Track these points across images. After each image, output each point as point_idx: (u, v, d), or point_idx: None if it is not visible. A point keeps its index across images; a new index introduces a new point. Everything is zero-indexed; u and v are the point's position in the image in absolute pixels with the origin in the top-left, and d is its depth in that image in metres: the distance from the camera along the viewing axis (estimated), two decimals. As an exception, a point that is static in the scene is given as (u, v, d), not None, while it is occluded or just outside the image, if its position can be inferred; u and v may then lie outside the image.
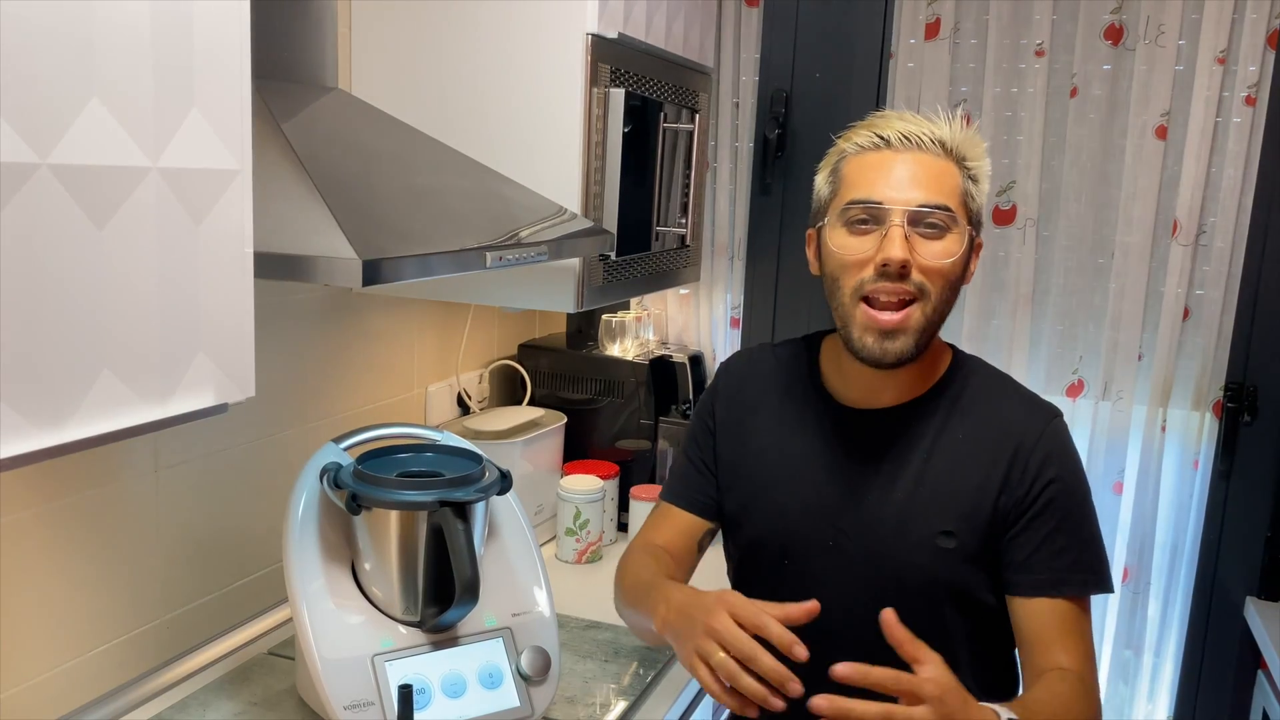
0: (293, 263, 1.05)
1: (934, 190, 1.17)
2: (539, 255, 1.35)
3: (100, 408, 0.81)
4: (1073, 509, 1.21)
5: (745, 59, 2.28)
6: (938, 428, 1.25)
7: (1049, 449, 1.21)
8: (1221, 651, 2.16)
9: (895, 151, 1.18)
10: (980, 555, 1.21)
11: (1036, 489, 1.20)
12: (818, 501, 1.28)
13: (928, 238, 1.17)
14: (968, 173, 1.20)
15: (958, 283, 1.21)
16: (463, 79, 1.63)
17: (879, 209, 1.17)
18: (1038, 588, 1.20)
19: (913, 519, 1.22)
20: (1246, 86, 1.97)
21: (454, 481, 1.28)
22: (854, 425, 1.28)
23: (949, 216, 1.17)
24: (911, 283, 1.16)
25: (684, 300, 2.42)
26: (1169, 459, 2.15)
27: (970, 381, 1.28)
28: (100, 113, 0.78)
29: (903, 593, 1.22)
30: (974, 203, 1.21)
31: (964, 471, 1.22)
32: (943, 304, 1.19)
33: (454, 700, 1.27)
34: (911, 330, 1.18)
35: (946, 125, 1.20)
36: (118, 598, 1.39)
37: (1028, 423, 1.23)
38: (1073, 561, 1.20)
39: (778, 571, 1.31)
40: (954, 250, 1.17)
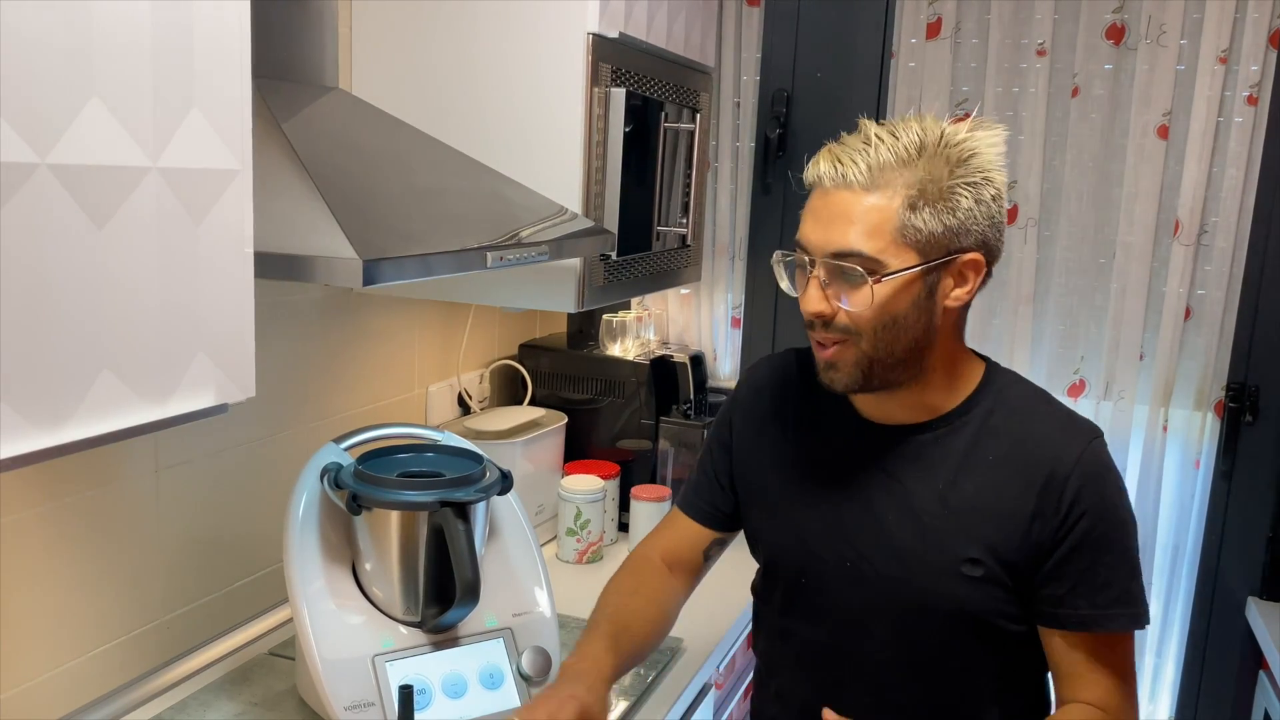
0: (293, 263, 1.05)
1: (846, 236, 1.08)
2: (540, 255, 1.34)
3: (100, 408, 0.81)
4: (1113, 540, 1.13)
5: (746, 58, 2.28)
6: (967, 447, 1.17)
7: (1086, 475, 1.13)
8: (1223, 652, 2.16)
9: (824, 192, 1.11)
10: (1008, 585, 1.15)
11: (1073, 519, 1.12)
12: (836, 520, 1.22)
13: (847, 286, 1.10)
14: (912, 200, 1.07)
15: (909, 315, 1.11)
16: (463, 79, 1.63)
17: (802, 257, 1.13)
18: (1080, 623, 1.13)
19: (936, 544, 1.16)
20: (1248, 86, 1.97)
21: (455, 482, 1.28)
22: (878, 441, 1.21)
23: (861, 264, 1.08)
24: (835, 328, 1.12)
25: (685, 300, 2.42)
26: (1170, 459, 2.15)
27: (1003, 398, 1.20)
28: (100, 112, 0.78)
29: (924, 619, 1.17)
30: (920, 233, 1.08)
31: (994, 496, 1.15)
32: (886, 338, 1.11)
33: (455, 701, 1.27)
34: (847, 365, 1.13)
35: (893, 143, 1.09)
36: (118, 598, 1.39)
37: (1064, 445, 1.14)
38: (1115, 597, 1.13)
39: (795, 588, 1.26)
40: (867, 301, 1.08)
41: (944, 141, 1.09)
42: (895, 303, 1.10)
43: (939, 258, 1.10)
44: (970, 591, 1.15)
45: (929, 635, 1.18)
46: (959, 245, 1.10)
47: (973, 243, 1.11)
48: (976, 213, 1.10)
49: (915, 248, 1.09)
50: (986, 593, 1.15)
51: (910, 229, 1.08)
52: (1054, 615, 1.15)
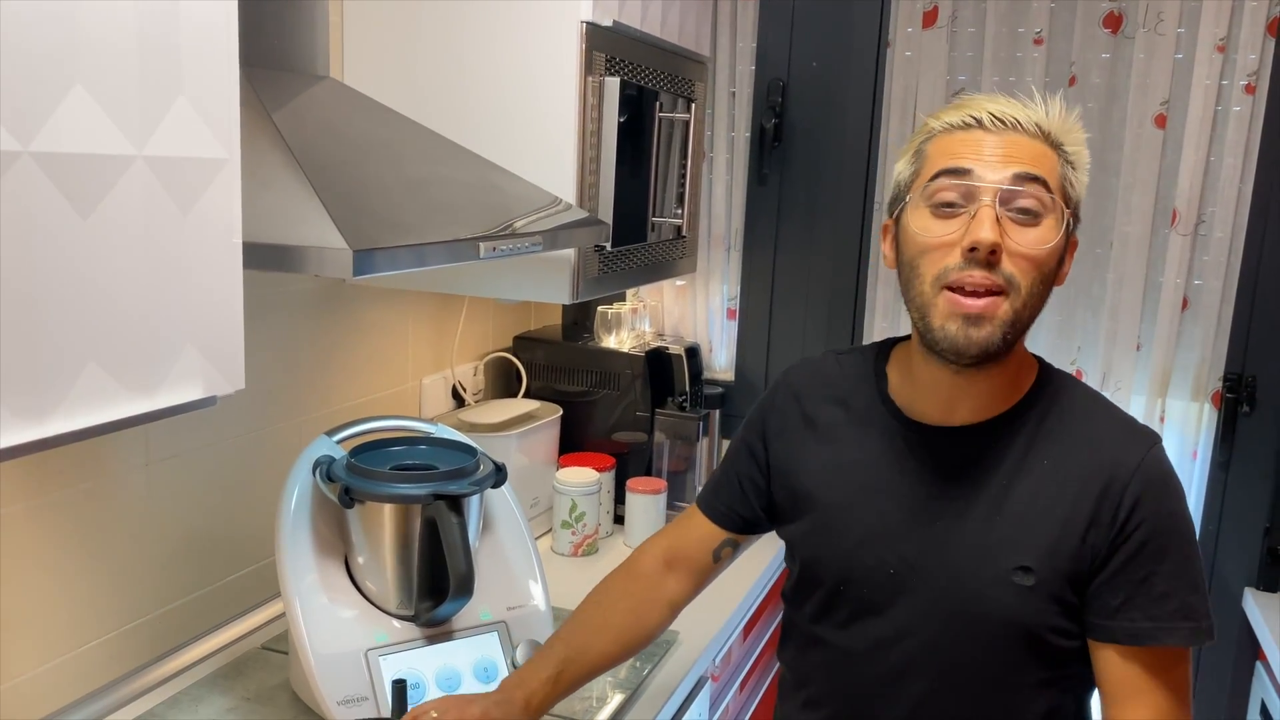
0: (283, 253, 1.03)
1: (1030, 168, 1.04)
2: (534, 246, 1.33)
3: (86, 401, 0.80)
4: (1173, 549, 1.08)
5: (742, 48, 2.27)
6: (1021, 451, 1.12)
7: (1146, 482, 1.07)
8: (1220, 643, 2.14)
9: (987, 131, 1.06)
10: (1061, 597, 1.09)
11: (1131, 527, 1.07)
12: (880, 525, 1.16)
13: (1021, 223, 1.04)
14: (1066, 158, 1.08)
15: (1051, 278, 1.07)
16: (456, 67, 1.62)
17: (968, 185, 1.05)
18: (1134, 636, 1.07)
19: (987, 552, 1.11)
20: (1246, 75, 1.96)
21: (448, 474, 1.27)
22: (925, 443, 1.15)
23: (1047, 197, 1.04)
24: (1000, 273, 1.03)
25: (680, 292, 2.41)
26: (1168, 449, 2.11)
27: (1059, 400, 1.14)
28: (84, 100, 0.77)
29: (972, 630, 1.12)
30: (1073, 190, 1.08)
31: (1048, 502, 1.10)
32: (1033, 299, 1.06)
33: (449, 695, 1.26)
34: (999, 321, 1.04)
35: (1043, 108, 1.09)
36: (109, 592, 1.38)
37: (1123, 451, 1.09)
38: (1175, 609, 1.07)
39: (833, 595, 1.20)
40: (1049, 238, 1.04)
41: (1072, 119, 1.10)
42: (1052, 254, 1.06)
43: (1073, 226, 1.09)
44: (1021, 601, 1.09)
45: (973, 647, 1.12)
46: (1078, 220, 1.11)
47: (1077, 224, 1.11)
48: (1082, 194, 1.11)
49: (1068, 204, 1.08)
50: (1037, 604, 1.09)
51: (1068, 183, 1.08)
52: (1106, 628, 1.09)
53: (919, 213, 1.08)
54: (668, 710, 1.46)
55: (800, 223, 2.30)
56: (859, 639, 1.19)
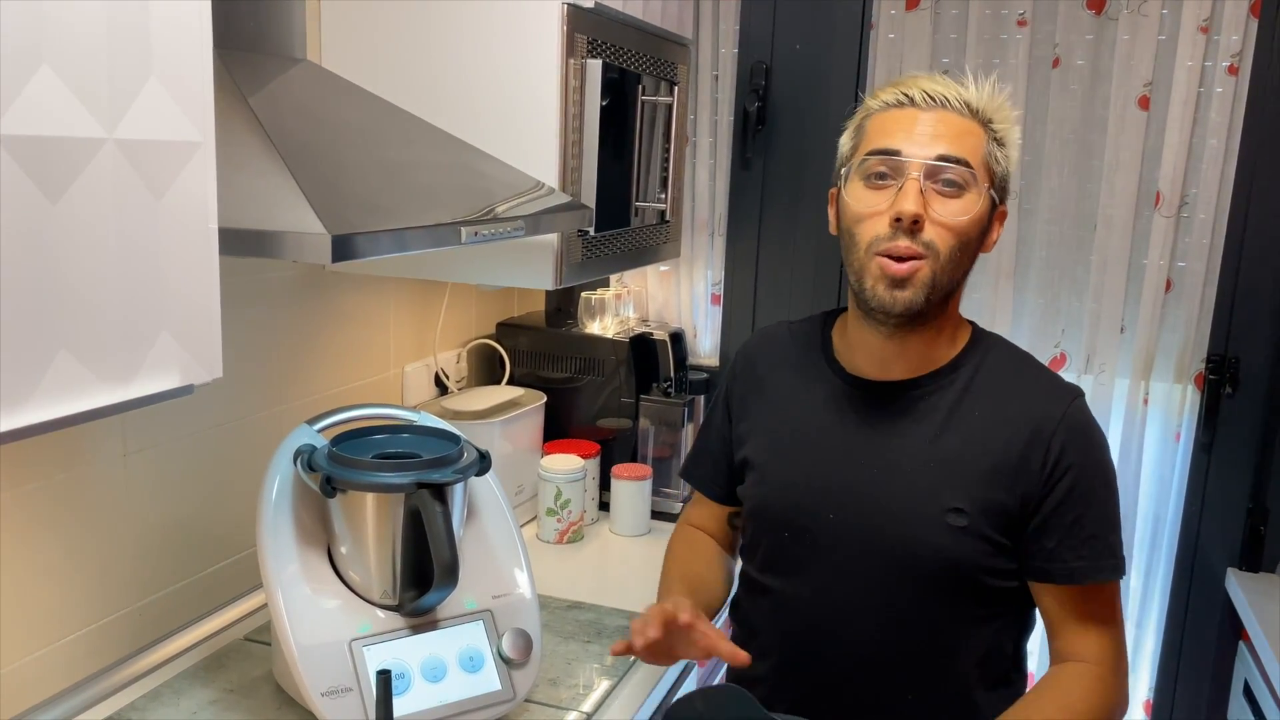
0: (259, 238, 1.01)
1: (954, 145, 1.15)
2: (516, 231, 1.32)
3: (58, 390, 0.78)
4: (1097, 493, 1.18)
5: (724, 30, 2.25)
6: (951, 404, 1.22)
7: (1071, 431, 1.18)
8: (1203, 623, 2.17)
9: (919, 109, 1.17)
10: (991, 538, 1.18)
11: (1058, 475, 1.17)
12: (820, 473, 1.25)
13: (944, 195, 1.15)
14: (993, 135, 1.18)
15: (973, 245, 1.19)
16: (436, 50, 1.59)
17: (896, 160, 1.15)
18: (1070, 576, 1.18)
19: (921, 494, 1.19)
20: (1229, 56, 1.95)
21: (431, 463, 1.25)
22: (863, 397, 1.25)
23: (968, 173, 1.15)
24: (921, 241, 1.14)
25: (664, 277, 2.40)
26: (1151, 431, 2.15)
27: (988, 359, 1.25)
28: (51, 81, 0.75)
29: (909, 570, 1.19)
30: (998, 166, 1.19)
31: (979, 450, 1.19)
32: (953, 264, 1.17)
33: (434, 685, 1.25)
34: (919, 283, 1.15)
35: (974, 88, 1.19)
36: (88, 584, 1.36)
37: (1047, 405, 1.20)
38: (1103, 548, 1.18)
39: (778, 544, 1.29)
40: (969, 209, 1.15)
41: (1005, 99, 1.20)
42: (972, 225, 1.16)
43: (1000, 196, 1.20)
44: (954, 542, 1.17)
45: (911, 588, 1.20)
46: (1005, 193, 1.21)
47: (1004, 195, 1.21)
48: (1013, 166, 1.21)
49: (991, 179, 1.18)
50: (970, 544, 1.17)
51: (993, 159, 1.18)
52: (1044, 569, 1.19)
53: (854, 185, 1.20)
54: (655, 695, 1.46)
55: (784, 206, 2.29)
56: (802, 584, 1.27)
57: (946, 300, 1.21)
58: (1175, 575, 2.18)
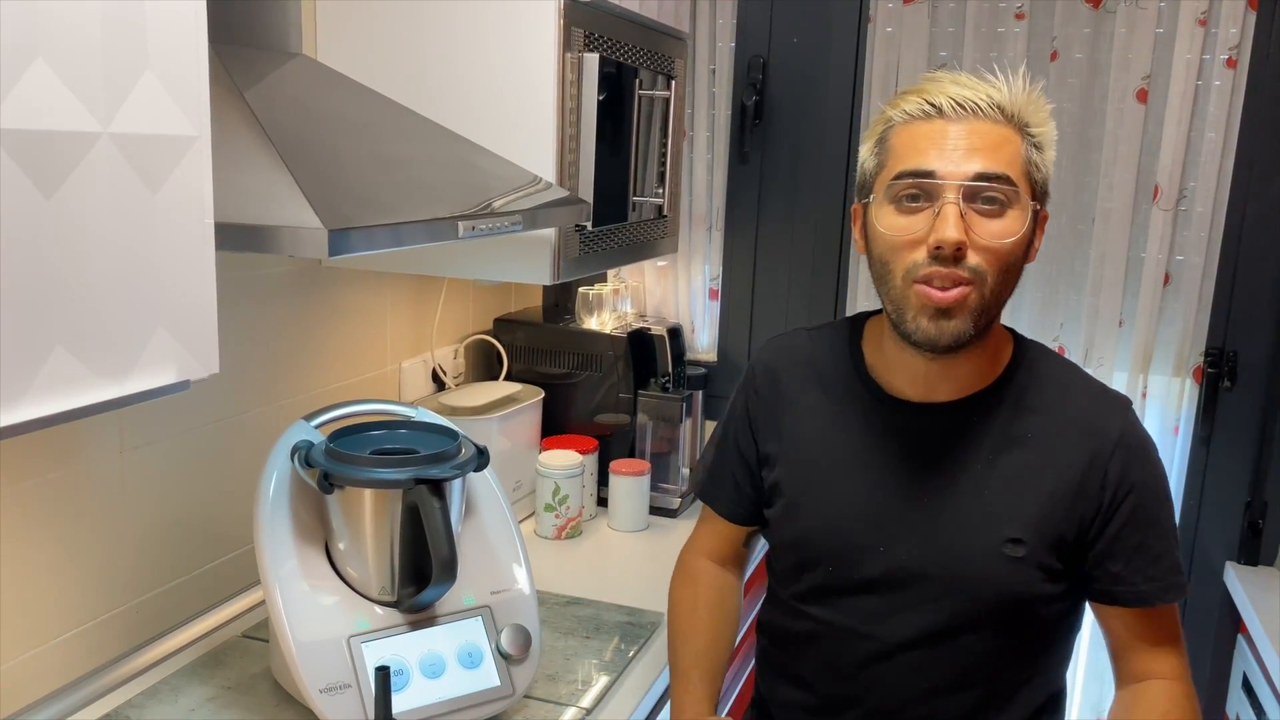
0: (256, 233, 1.01)
1: (992, 160, 1.04)
2: (513, 225, 1.31)
3: (54, 386, 0.78)
4: (1159, 511, 1.14)
5: (722, 24, 2.25)
6: (1003, 425, 1.14)
7: (1130, 450, 1.13)
8: (1202, 617, 2.17)
9: (948, 120, 1.06)
10: (1049, 565, 1.13)
11: (1120, 497, 1.12)
12: (868, 505, 1.17)
13: (986, 215, 1.05)
14: (1031, 139, 1.08)
15: (1019, 263, 1.09)
16: (432, 44, 1.59)
17: (931, 183, 1.05)
18: (1140, 599, 1.14)
19: (978, 526, 1.13)
20: (1227, 49, 1.95)
21: (429, 459, 1.25)
22: (907, 421, 1.17)
23: (1010, 190, 1.05)
24: (966, 267, 1.04)
25: (662, 272, 2.39)
26: (1149, 425, 2.12)
27: (1035, 373, 1.17)
28: (46, 75, 0.74)
29: (966, 604, 1.14)
30: (1039, 173, 1.09)
31: (1033, 474, 1.13)
32: (1001, 287, 1.08)
33: (433, 681, 1.25)
34: (968, 311, 1.06)
35: (1005, 87, 1.08)
36: (85, 581, 1.35)
37: (1102, 422, 1.13)
38: (1169, 567, 1.14)
39: (824, 575, 1.21)
40: (1015, 230, 1.05)
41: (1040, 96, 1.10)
42: (1019, 242, 1.07)
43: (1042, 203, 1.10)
44: (1011, 573, 1.12)
45: (965, 621, 1.14)
46: (1045, 197, 1.11)
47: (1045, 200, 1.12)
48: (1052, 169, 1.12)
49: (1032, 188, 1.09)
50: (1028, 574, 1.12)
51: (1034, 167, 1.08)
52: (1111, 593, 1.15)
53: (885, 210, 1.09)
54: (654, 692, 1.46)
55: (782, 201, 2.29)
56: (851, 617, 1.19)
57: (995, 319, 1.13)
58: (1174, 569, 2.18)
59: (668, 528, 2.02)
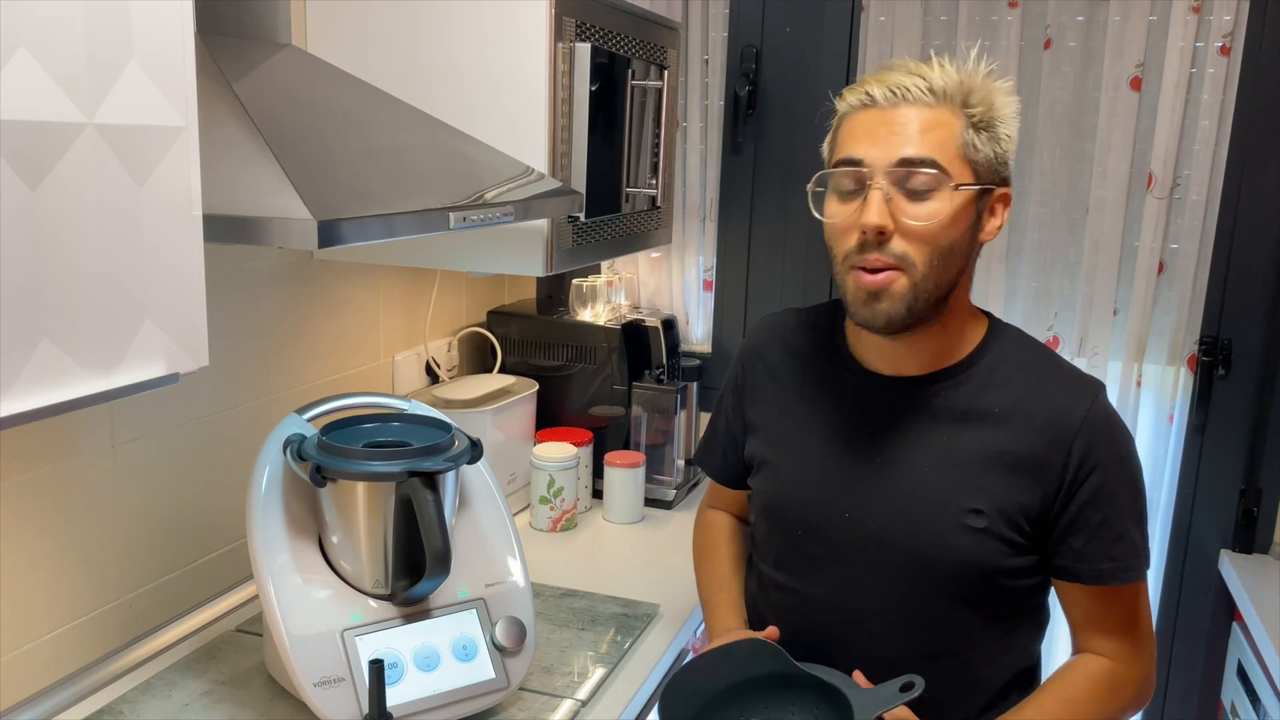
0: (245, 225, 1.00)
1: (918, 144, 1.08)
2: (505, 216, 1.30)
3: (40, 379, 0.77)
4: (1123, 492, 1.15)
5: (714, 14, 2.24)
6: (970, 399, 1.17)
7: (1095, 429, 1.14)
8: (1196, 605, 2.17)
9: (881, 108, 1.10)
10: (1011, 539, 1.15)
11: (1083, 475, 1.14)
12: (836, 471, 1.22)
13: (912, 199, 1.08)
14: (971, 120, 1.10)
15: (961, 243, 1.12)
16: (422, 34, 1.58)
17: (860, 171, 1.10)
18: (1098, 577, 1.15)
19: (939, 495, 1.16)
20: (1221, 36, 1.94)
21: (422, 451, 1.25)
22: (879, 393, 1.21)
23: (933, 175, 1.08)
24: (890, 252, 1.09)
25: (655, 264, 2.39)
26: (1144, 414, 2.15)
27: (1007, 353, 1.20)
28: (29, 64, 0.73)
29: (928, 572, 1.17)
30: (979, 153, 1.10)
31: (997, 449, 1.15)
32: (936, 269, 1.10)
33: (427, 674, 1.24)
34: (896, 296, 1.11)
35: (947, 70, 1.11)
36: (77, 577, 1.35)
37: (1069, 402, 1.15)
38: (1130, 547, 1.16)
39: (791, 541, 1.27)
40: (940, 212, 1.08)
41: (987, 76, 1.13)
42: (953, 227, 1.10)
43: (989, 183, 1.12)
44: (973, 543, 1.15)
45: (928, 590, 1.18)
46: (1000, 176, 1.14)
47: (1008, 176, 1.15)
48: (1010, 148, 1.14)
49: (973, 169, 1.11)
50: (989, 545, 1.15)
51: (971, 147, 1.10)
52: (1072, 569, 1.17)
53: (829, 199, 1.16)
54: (650, 683, 1.45)
55: (776, 191, 2.28)
56: (817, 584, 1.24)
57: (943, 301, 1.15)
58: (1169, 557, 2.18)
59: (663, 519, 2.02)
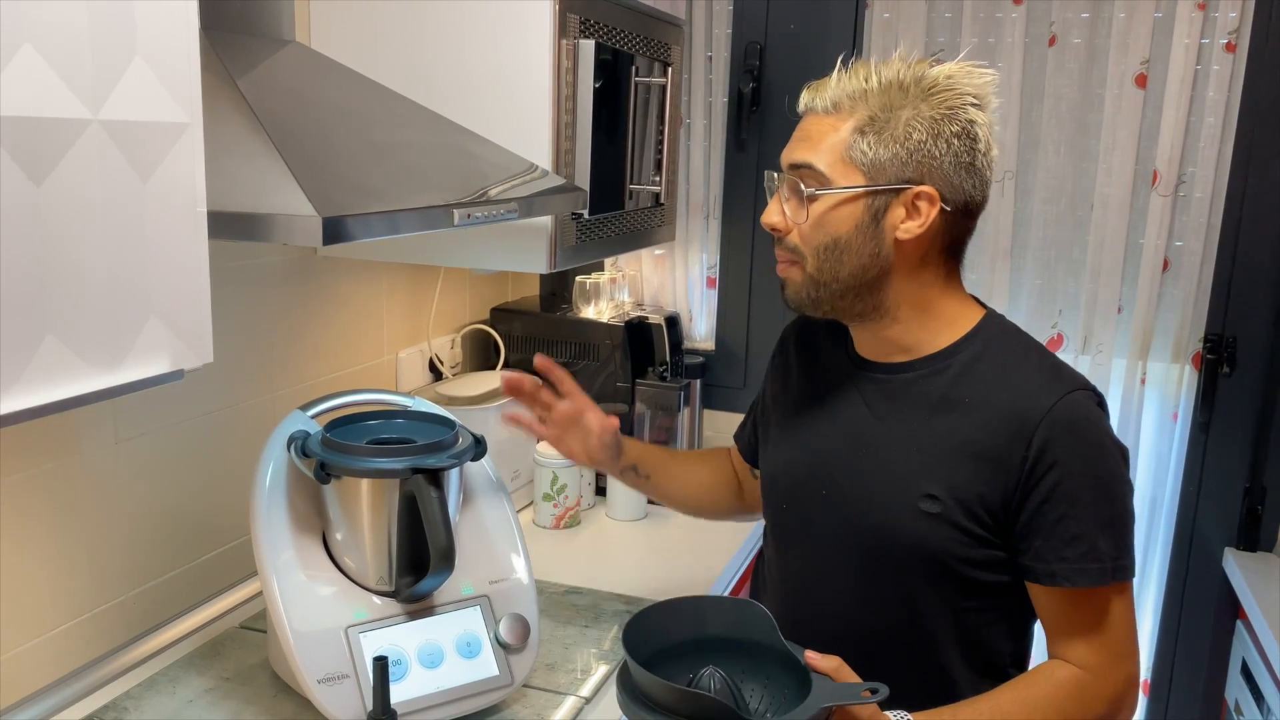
0: (249, 221, 1.00)
1: (803, 150, 1.16)
2: (509, 213, 1.30)
3: (45, 376, 0.77)
4: (1084, 493, 1.11)
5: (718, 10, 2.23)
6: (944, 390, 1.19)
7: (1057, 425, 1.11)
8: (1201, 603, 2.17)
9: (801, 118, 1.20)
10: (968, 528, 1.15)
11: (1040, 471, 1.11)
12: (820, 450, 1.27)
13: (798, 200, 1.17)
14: (862, 124, 1.12)
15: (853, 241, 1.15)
16: (426, 31, 1.57)
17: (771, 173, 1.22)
18: (1051, 577, 1.13)
19: (898, 479, 1.18)
20: (1226, 33, 1.94)
21: (426, 448, 1.24)
22: (863, 379, 1.26)
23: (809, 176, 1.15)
24: (785, 246, 1.19)
25: (659, 261, 2.38)
26: (1148, 411, 2.14)
27: (991, 345, 1.20)
28: (34, 60, 0.73)
29: (884, 553, 1.19)
30: (864, 156, 1.12)
31: (962, 439, 1.15)
32: (830, 261, 1.16)
33: (431, 671, 1.24)
34: (795, 284, 1.20)
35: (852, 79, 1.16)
36: (82, 574, 1.35)
37: (1037, 397, 1.13)
38: (1085, 551, 1.11)
39: (779, 515, 1.33)
40: (814, 211, 1.15)
41: (913, 77, 1.14)
42: (837, 223, 1.15)
43: (885, 184, 1.13)
44: (928, 528, 1.16)
45: (886, 571, 1.20)
46: (908, 176, 1.13)
47: (927, 177, 1.13)
48: (933, 148, 1.13)
49: (862, 171, 1.14)
50: (943, 531, 1.16)
51: (856, 151, 1.13)
52: (1030, 569, 1.15)
53: None
54: (653, 681, 1.45)
55: (779, 189, 2.27)
56: (795, 557, 1.30)
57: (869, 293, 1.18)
58: (1173, 555, 2.18)
59: (666, 516, 2.02)
